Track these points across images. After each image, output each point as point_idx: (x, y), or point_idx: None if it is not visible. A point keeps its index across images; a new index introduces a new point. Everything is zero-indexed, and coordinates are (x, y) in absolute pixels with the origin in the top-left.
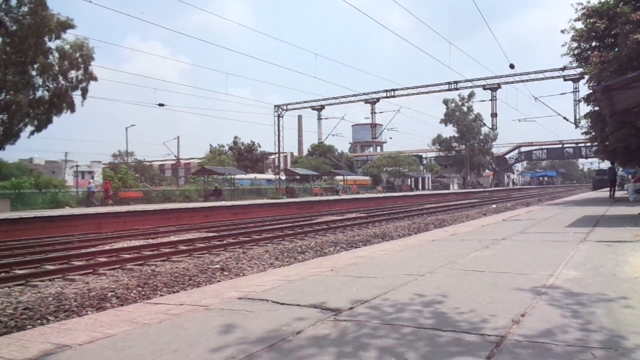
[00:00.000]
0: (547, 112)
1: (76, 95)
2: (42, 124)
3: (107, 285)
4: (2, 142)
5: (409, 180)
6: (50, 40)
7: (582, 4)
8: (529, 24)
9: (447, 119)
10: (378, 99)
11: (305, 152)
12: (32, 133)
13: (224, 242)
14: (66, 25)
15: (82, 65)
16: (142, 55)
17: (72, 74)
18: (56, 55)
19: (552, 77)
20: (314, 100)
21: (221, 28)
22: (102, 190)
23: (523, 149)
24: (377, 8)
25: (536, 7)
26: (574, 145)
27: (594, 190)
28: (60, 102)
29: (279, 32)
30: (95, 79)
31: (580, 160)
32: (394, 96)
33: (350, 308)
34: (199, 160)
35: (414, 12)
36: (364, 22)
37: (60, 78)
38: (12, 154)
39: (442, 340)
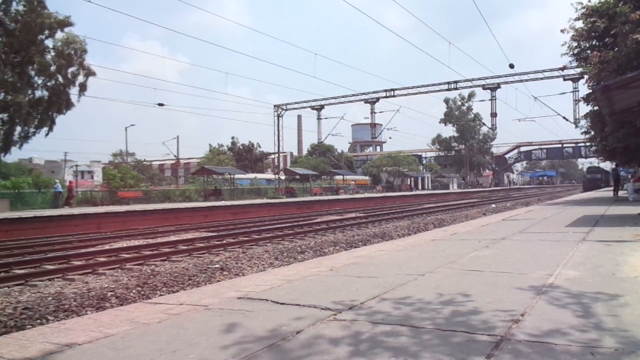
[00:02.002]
0: (546, 112)
1: (74, 95)
2: (43, 124)
3: (106, 285)
4: (7, 145)
5: (409, 180)
6: (47, 38)
7: (582, 3)
8: (528, 24)
9: (447, 119)
10: (377, 99)
11: (304, 152)
12: (33, 134)
13: (224, 241)
14: (64, 23)
15: (77, 60)
16: (141, 55)
17: (69, 70)
18: (53, 53)
19: (552, 77)
20: (314, 100)
21: (219, 28)
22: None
23: (522, 149)
24: (376, 7)
25: (534, 7)
26: (573, 145)
27: (584, 191)
28: (58, 100)
29: (278, 32)
30: (93, 73)
31: (580, 160)
32: (393, 96)
33: (350, 308)
34: (199, 160)
35: (413, 11)
36: (363, 21)
37: (59, 76)
38: (11, 153)
39: (442, 340)
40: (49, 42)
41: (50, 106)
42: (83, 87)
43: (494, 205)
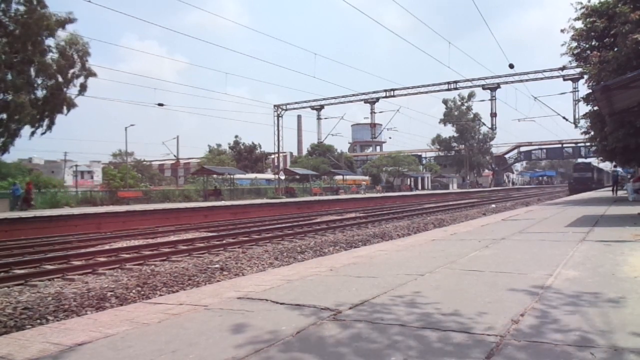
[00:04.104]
0: (546, 112)
1: (74, 95)
2: (43, 123)
3: (106, 285)
4: (6, 145)
5: (409, 180)
6: (47, 38)
7: (581, 3)
8: (527, 24)
9: (446, 119)
10: (377, 99)
11: (304, 152)
12: (32, 134)
13: (224, 241)
14: (65, 21)
15: (78, 62)
16: (139, 55)
17: (70, 71)
18: (55, 54)
19: (552, 77)
20: (314, 100)
21: (218, 27)
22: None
23: (522, 149)
24: (375, 7)
25: (534, 6)
26: (573, 145)
27: (571, 193)
28: (58, 100)
29: (277, 32)
30: (94, 74)
31: (580, 160)
32: (393, 96)
33: (350, 308)
34: (199, 160)
35: (413, 11)
36: (363, 21)
37: (59, 76)
38: (11, 153)
39: (441, 341)
40: (50, 42)
41: (50, 106)
42: (83, 88)
43: (493, 206)
